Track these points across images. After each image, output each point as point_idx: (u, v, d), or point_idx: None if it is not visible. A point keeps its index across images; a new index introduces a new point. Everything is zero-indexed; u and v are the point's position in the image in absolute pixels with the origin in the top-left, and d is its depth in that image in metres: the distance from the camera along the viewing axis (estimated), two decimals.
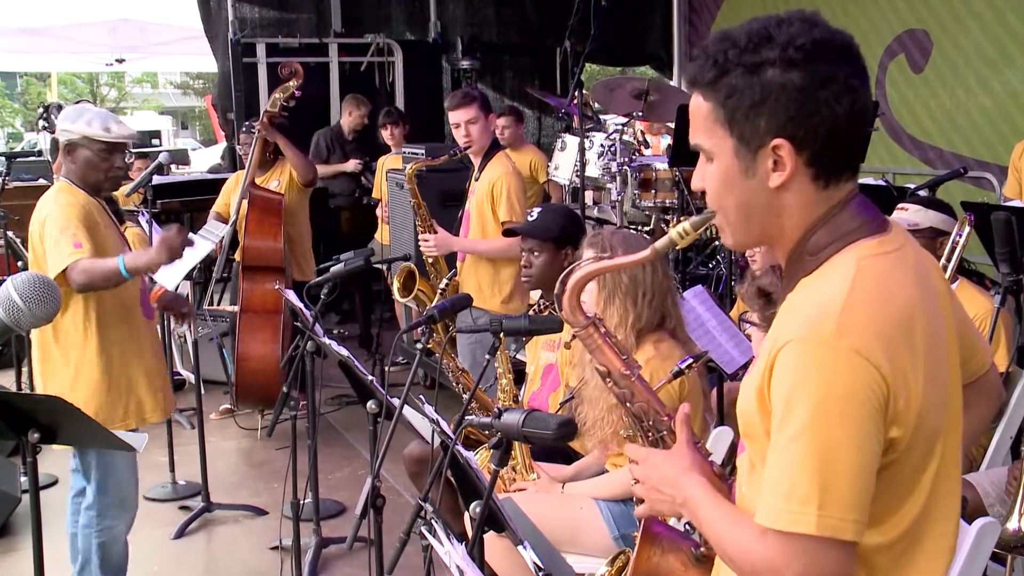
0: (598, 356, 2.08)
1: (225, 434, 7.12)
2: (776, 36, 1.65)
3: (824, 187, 1.70)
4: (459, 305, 3.59)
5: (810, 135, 1.65)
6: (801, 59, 1.63)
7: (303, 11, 10.86)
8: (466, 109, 5.55)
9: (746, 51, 1.66)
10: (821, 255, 1.71)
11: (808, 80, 1.63)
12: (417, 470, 4.44)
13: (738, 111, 1.68)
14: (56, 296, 3.01)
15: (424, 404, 3.00)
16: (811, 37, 1.64)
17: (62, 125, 4.28)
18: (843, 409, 1.56)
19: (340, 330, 9.31)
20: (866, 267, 1.67)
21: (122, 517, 4.35)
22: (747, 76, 1.66)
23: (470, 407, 3.55)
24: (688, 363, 2.24)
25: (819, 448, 1.56)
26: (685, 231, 1.87)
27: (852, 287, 1.63)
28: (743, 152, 1.70)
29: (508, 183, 5.46)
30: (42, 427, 3.05)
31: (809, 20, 1.67)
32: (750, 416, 1.70)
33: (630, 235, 3.75)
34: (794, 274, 1.76)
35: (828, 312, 1.61)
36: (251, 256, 6.81)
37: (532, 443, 2.48)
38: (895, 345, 1.61)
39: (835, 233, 1.71)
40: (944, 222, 4.26)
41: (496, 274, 5.54)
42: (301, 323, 4.37)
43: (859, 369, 1.57)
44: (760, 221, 1.75)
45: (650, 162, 7.42)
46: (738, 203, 1.75)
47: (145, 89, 40.78)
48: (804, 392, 1.57)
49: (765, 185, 1.70)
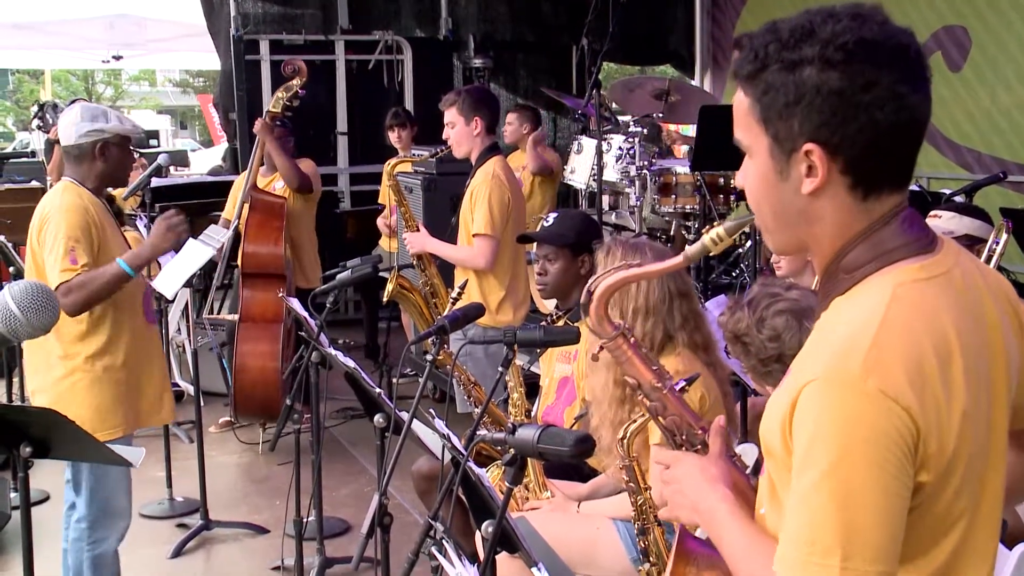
0: (628, 368, 2.06)
1: (225, 448, 7.13)
2: (819, 32, 1.61)
3: (863, 198, 1.66)
4: (472, 315, 3.60)
5: (846, 142, 1.61)
6: (841, 59, 1.58)
7: (308, 7, 10.87)
8: (447, 110, 5.56)
9: (787, 46, 1.63)
10: (857, 274, 1.67)
11: (847, 83, 1.59)
12: (426, 487, 4.44)
13: (772, 109, 1.65)
14: (55, 306, 3.02)
15: (434, 418, 3.00)
16: (857, 36, 1.59)
17: (88, 127, 4.27)
18: (868, 454, 1.53)
19: (345, 340, 9.33)
20: (902, 295, 1.62)
21: (114, 529, 4.36)
22: (784, 73, 1.62)
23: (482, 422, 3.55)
24: (681, 386, 2.25)
25: (843, 496, 1.53)
26: (719, 236, 1.84)
27: (884, 319, 1.59)
28: (777, 153, 1.67)
29: (487, 190, 5.40)
30: (34, 441, 3.06)
31: (861, 16, 1.61)
32: (772, 440, 1.67)
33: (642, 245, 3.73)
34: (829, 292, 1.72)
35: (855, 347, 1.57)
36: (251, 262, 6.84)
37: (547, 460, 2.48)
38: (928, 383, 1.57)
39: (874, 251, 1.66)
40: (980, 229, 4.25)
41: (480, 284, 5.48)
42: (306, 333, 4.38)
43: (886, 412, 1.54)
44: (793, 227, 1.72)
45: (670, 166, 7.42)
46: (772, 205, 1.72)
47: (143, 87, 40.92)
48: (827, 436, 1.54)
49: (799, 190, 1.67)
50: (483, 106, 5.57)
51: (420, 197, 7.35)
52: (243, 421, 7.19)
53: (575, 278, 4.33)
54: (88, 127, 4.28)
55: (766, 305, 3.05)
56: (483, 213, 5.38)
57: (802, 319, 2.95)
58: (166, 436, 6.07)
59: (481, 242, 5.38)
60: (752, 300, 3.09)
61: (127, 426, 4.36)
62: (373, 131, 9.53)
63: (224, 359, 7.29)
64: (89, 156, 4.30)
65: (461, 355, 5.20)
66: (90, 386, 4.27)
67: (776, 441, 1.65)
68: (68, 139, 4.31)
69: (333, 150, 10.74)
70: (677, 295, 3.61)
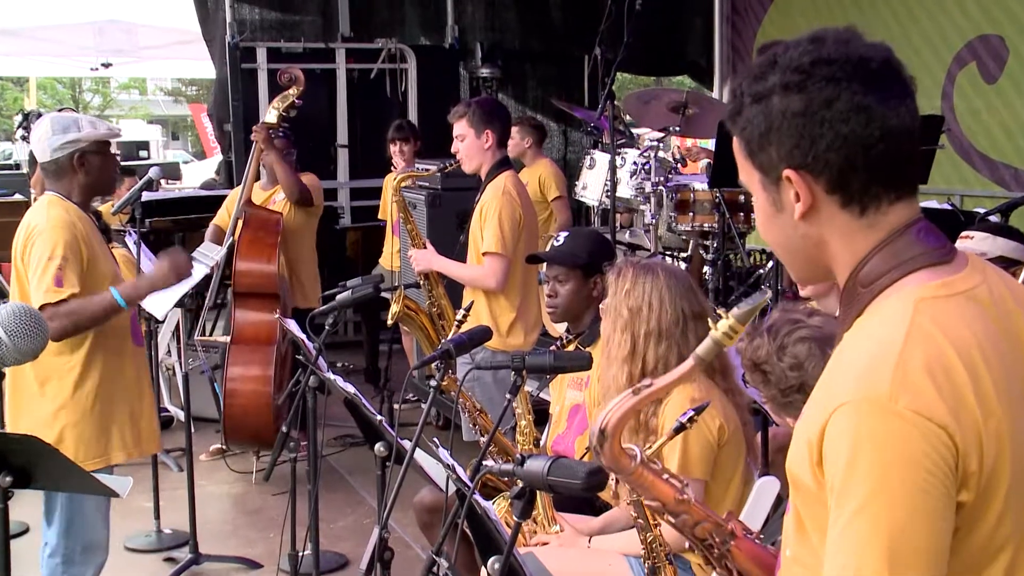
0: (650, 493, 2.07)
1: (216, 477, 7.13)
2: (780, 61, 1.70)
3: (860, 214, 1.71)
4: (478, 338, 3.60)
5: (820, 161, 1.68)
6: (798, 81, 1.67)
7: (308, 13, 10.92)
8: (456, 123, 5.57)
9: (756, 80, 1.72)
10: (875, 286, 1.70)
11: (807, 103, 1.67)
12: (429, 520, 4.43)
13: (752, 143, 1.74)
14: (44, 331, 3.03)
15: (438, 447, 3.00)
16: (813, 56, 1.67)
17: (60, 139, 4.26)
18: (908, 478, 1.54)
19: (344, 363, 9.33)
20: (925, 309, 1.64)
21: (90, 564, 4.35)
22: (755, 106, 1.72)
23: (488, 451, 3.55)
24: (689, 416, 2.25)
25: (886, 524, 1.54)
26: (732, 329, 1.87)
27: (908, 335, 1.61)
28: (768, 184, 1.76)
29: (497, 206, 5.41)
30: (15, 469, 3.05)
31: (820, 39, 1.70)
32: (800, 472, 1.68)
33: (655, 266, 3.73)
34: (849, 310, 1.75)
35: (882, 367, 1.59)
36: (243, 281, 6.84)
37: (558, 493, 2.48)
38: (962, 399, 1.58)
39: (890, 261, 1.70)
40: (1016, 250, 4.25)
41: (490, 305, 5.48)
42: (303, 356, 4.38)
43: (922, 432, 1.55)
44: (804, 255, 1.79)
45: (688, 182, 7.41)
46: (778, 238, 1.80)
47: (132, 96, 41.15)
48: (863, 464, 1.55)
49: (794, 218, 1.74)
50: (495, 118, 5.58)
51: (424, 213, 7.35)
52: (235, 449, 7.18)
53: (587, 300, 4.33)
54: (60, 139, 4.26)
55: (787, 332, 3.04)
56: (493, 230, 5.38)
57: (825, 347, 2.94)
58: (154, 464, 6.07)
59: (491, 261, 5.39)
60: (772, 327, 3.08)
61: (109, 457, 4.35)
62: (375, 144, 9.54)
63: (216, 383, 7.29)
64: (68, 169, 4.28)
65: (468, 380, 5.19)
66: (74, 411, 4.27)
67: (804, 473, 1.66)
68: (43, 155, 4.29)
69: (333, 163, 10.76)
70: (692, 317, 3.61)
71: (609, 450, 1.99)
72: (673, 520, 2.10)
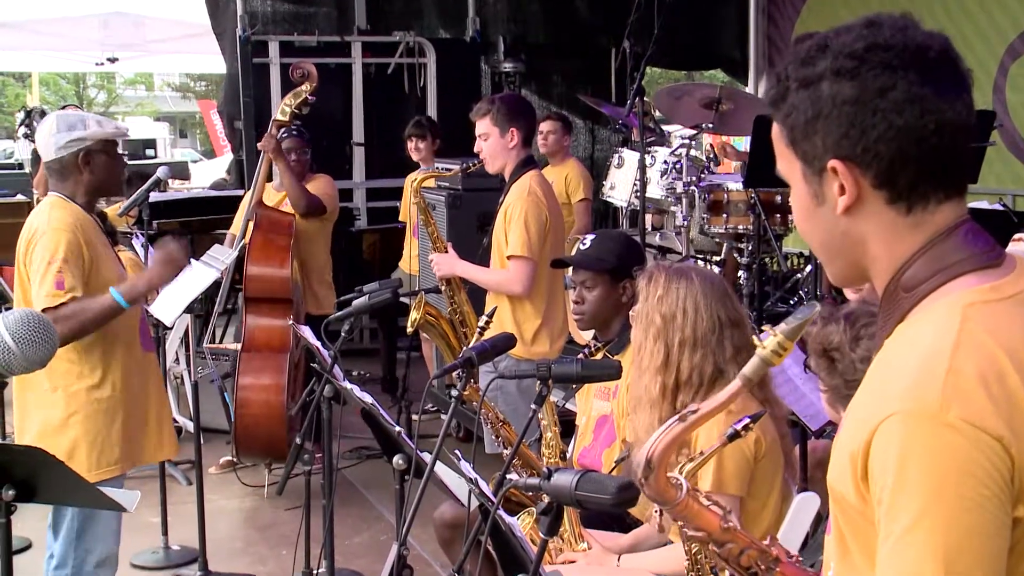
0: (695, 523, 2.07)
1: (227, 491, 7.14)
2: (832, 45, 1.68)
3: (906, 212, 1.69)
4: (501, 346, 3.60)
5: (869, 152, 1.66)
6: (852, 67, 1.65)
7: (322, 5, 10.95)
8: (479, 121, 5.56)
9: (803, 64, 1.70)
10: (918, 291, 1.69)
11: (859, 90, 1.65)
12: (450, 537, 4.43)
13: (796, 130, 1.72)
14: (53, 338, 3.03)
15: (460, 460, 3.00)
16: (868, 42, 1.66)
17: (65, 137, 4.31)
18: (962, 493, 1.53)
19: (361, 372, 9.35)
20: (974, 315, 1.63)
21: None
22: (802, 91, 1.70)
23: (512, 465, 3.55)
24: (744, 423, 2.22)
25: (940, 541, 1.53)
26: (781, 347, 1.87)
27: (957, 342, 1.60)
28: (810, 176, 1.74)
29: (522, 208, 5.40)
30: (18, 483, 3.06)
31: (876, 23, 1.68)
32: (843, 488, 1.67)
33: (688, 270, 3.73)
34: (889, 315, 1.74)
35: (931, 375, 1.57)
36: (255, 286, 6.86)
37: (586, 508, 2.47)
38: (1017, 408, 1.57)
39: (935, 265, 1.69)
40: None
41: (514, 311, 5.48)
42: (318, 364, 4.39)
43: (975, 444, 1.54)
44: (843, 253, 1.77)
45: (721, 181, 7.40)
46: (817, 234, 1.78)
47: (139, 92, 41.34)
48: (914, 478, 1.55)
49: (836, 212, 1.72)
50: (519, 116, 5.58)
51: (444, 215, 7.36)
52: (247, 461, 7.20)
53: (615, 306, 4.33)
54: (65, 137, 4.31)
55: (865, 323, 3.00)
56: (519, 233, 5.38)
57: None
58: (162, 478, 6.09)
59: (517, 265, 5.38)
60: (850, 314, 3.05)
61: (123, 464, 4.38)
62: (392, 142, 9.55)
63: (226, 392, 7.31)
64: (73, 168, 4.33)
65: (491, 390, 5.17)
66: (82, 421, 4.29)
67: (847, 489, 1.65)
68: (47, 154, 4.34)
69: (348, 163, 10.77)
70: (728, 324, 3.60)
71: (655, 482, 1.98)
72: (718, 550, 2.10)
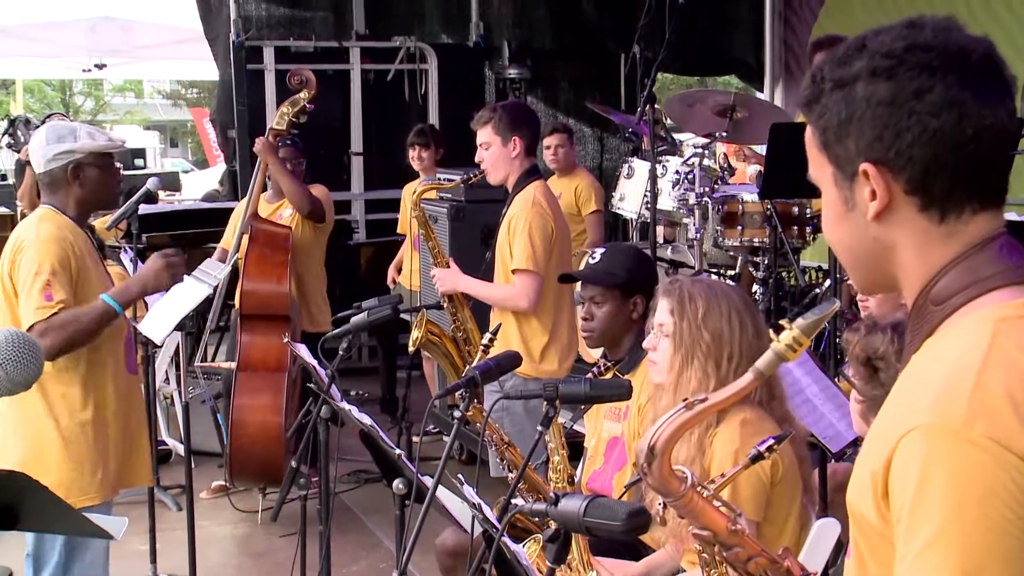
0: (700, 521, 2.07)
1: (219, 517, 7.13)
2: (870, 45, 1.68)
3: (940, 221, 1.69)
4: (506, 365, 3.60)
5: (903, 156, 1.66)
6: (889, 67, 1.65)
7: (319, 9, 10.97)
8: (480, 130, 5.56)
9: (839, 64, 1.71)
10: (948, 304, 1.69)
11: (895, 91, 1.65)
12: (452, 565, 4.43)
13: (828, 132, 1.72)
14: (38, 359, 3.03)
15: (463, 484, 3.00)
16: (907, 42, 1.66)
17: (54, 149, 4.33)
18: (984, 515, 1.52)
19: (359, 392, 9.34)
20: (1006, 330, 1.63)
21: None
22: (836, 92, 1.70)
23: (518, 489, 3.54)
24: (768, 444, 2.22)
25: (959, 561, 1.52)
26: (796, 342, 1.87)
27: (987, 357, 1.59)
28: (841, 180, 1.74)
29: (527, 220, 5.39)
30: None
31: (918, 24, 1.68)
32: (862, 507, 1.68)
33: (715, 284, 3.74)
34: (918, 329, 1.74)
35: (957, 390, 1.57)
36: (250, 302, 6.86)
37: (595, 535, 2.47)
38: None
39: (967, 278, 1.68)
40: None
41: (520, 328, 5.47)
42: (315, 384, 4.39)
43: (999, 463, 1.53)
44: (872, 261, 1.77)
45: (736, 192, 7.40)
46: (846, 240, 1.78)
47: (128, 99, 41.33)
48: (933, 494, 1.54)
49: (867, 218, 1.72)
50: (522, 124, 5.57)
51: (446, 228, 7.36)
52: (240, 485, 7.19)
53: (626, 323, 4.32)
54: (55, 149, 4.34)
55: None
56: (523, 246, 5.37)
57: None
58: (151, 503, 6.08)
59: (522, 279, 5.38)
60: (898, 324, 3.06)
61: (106, 491, 4.37)
62: (392, 151, 9.57)
63: (219, 413, 7.31)
64: (63, 181, 4.36)
65: (496, 410, 5.18)
66: (64, 445, 4.29)
67: (867, 508, 1.65)
68: (39, 166, 4.40)
69: (346, 173, 10.79)
70: (762, 333, 3.61)
71: (658, 470, 1.98)
72: (725, 554, 2.10)
